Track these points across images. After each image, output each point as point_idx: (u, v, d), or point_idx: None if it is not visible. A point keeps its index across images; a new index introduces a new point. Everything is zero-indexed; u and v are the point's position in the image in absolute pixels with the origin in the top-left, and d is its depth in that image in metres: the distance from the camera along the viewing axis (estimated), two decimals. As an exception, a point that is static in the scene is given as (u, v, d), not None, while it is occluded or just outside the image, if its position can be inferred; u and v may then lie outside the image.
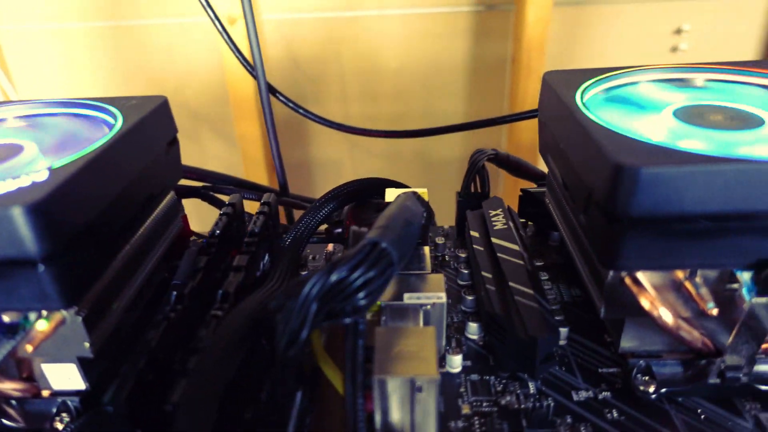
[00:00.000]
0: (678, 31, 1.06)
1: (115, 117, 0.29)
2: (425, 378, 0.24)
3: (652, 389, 0.28)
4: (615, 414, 0.28)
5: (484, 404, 0.29)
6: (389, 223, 0.27)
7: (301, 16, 1.10)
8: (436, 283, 0.31)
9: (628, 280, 0.25)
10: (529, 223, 0.43)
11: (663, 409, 0.28)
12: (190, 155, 1.33)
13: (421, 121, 1.20)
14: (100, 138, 0.26)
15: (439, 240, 0.41)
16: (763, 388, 0.27)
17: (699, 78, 0.31)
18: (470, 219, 0.37)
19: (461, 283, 0.37)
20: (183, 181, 0.48)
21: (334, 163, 1.24)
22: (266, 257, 0.36)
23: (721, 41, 1.06)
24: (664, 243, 0.23)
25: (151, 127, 0.30)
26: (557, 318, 0.33)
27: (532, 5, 0.94)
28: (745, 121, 0.27)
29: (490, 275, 0.32)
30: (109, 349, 0.26)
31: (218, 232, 0.34)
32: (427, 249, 0.35)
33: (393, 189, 0.41)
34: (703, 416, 0.27)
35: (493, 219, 0.36)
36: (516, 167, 0.45)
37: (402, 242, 0.27)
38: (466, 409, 0.28)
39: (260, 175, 1.14)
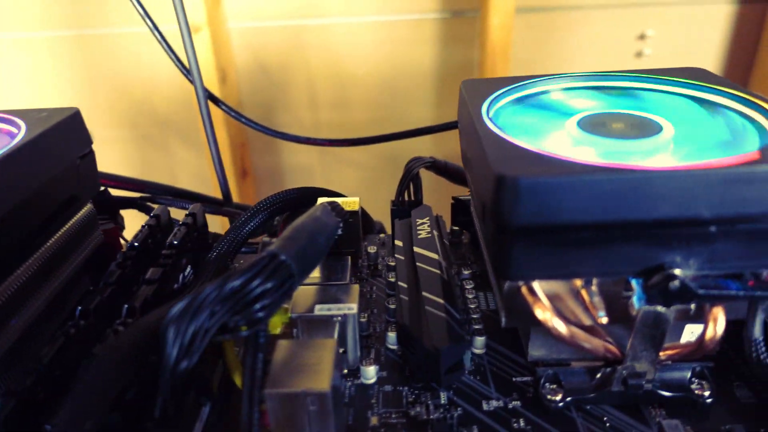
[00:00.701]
0: (642, 37, 1.07)
1: (19, 128, 0.29)
2: (316, 392, 0.24)
3: (559, 398, 0.28)
4: (522, 423, 0.28)
5: (393, 416, 0.28)
6: (293, 234, 0.27)
7: (268, 24, 1.10)
8: (351, 294, 0.31)
9: (524, 290, 0.25)
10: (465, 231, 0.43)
11: (570, 417, 0.28)
12: (158, 163, 1.32)
13: (391, 127, 1.20)
14: (-1, 150, 0.26)
15: (371, 249, 0.41)
16: (666, 394, 0.27)
17: (610, 85, 0.32)
18: (396, 228, 0.37)
19: (389, 292, 0.37)
20: (124, 192, 0.48)
21: (305, 170, 1.24)
22: (189, 269, 0.36)
23: (685, 46, 1.07)
24: (551, 252, 0.23)
25: (56, 139, 0.29)
26: (476, 327, 0.32)
27: (495, 11, 0.95)
28: (645, 129, 0.27)
29: (405, 285, 0.32)
30: (3, 367, 0.26)
31: (136, 244, 0.33)
32: (349, 259, 0.35)
33: (325, 198, 0.41)
34: (608, 424, 0.27)
35: (418, 228, 0.36)
36: (455, 174, 0.45)
37: (305, 254, 0.27)
38: (374, 421, 0.28)
39: (228, 182, 1.13)
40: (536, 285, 0.25)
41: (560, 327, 0.25)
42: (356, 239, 0.40)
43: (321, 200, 0.40)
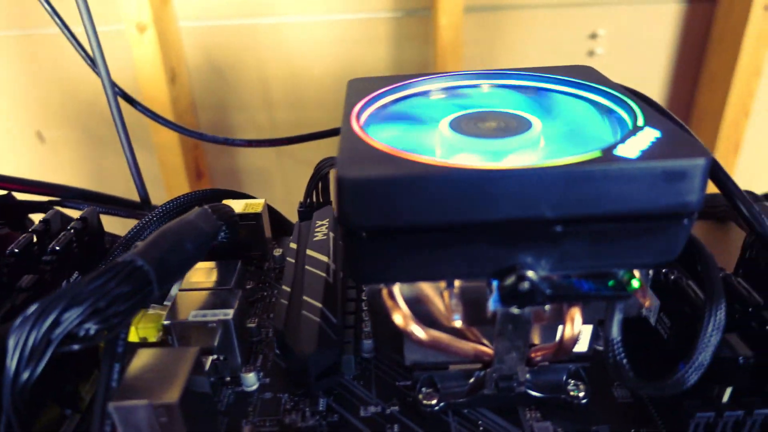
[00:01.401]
0: (593, 36, 1.07)
1: None
2: (163, 404, 0.23)
3: (434, 401, 0.27)
4: (396, 429, 0.27)
5: (267, 424, 0.28)
6: (156, 239, 0.26)
7: (220, 23, 1.09)
8: (233, 300, 0.30)
9: (384, 294, 0.24)
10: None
11: (445, 421, 0.27)
12: (110, 165, 1.29)
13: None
14: None
15: (277, 252, 0.40)
16: (541, 396, 0.27)
17: (485, 85, 0.31)
18: (296, 230, 0.37)
19: (286, 296, 0.37)
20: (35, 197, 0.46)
21: (262, 171, 1.23)
22: (76, 276, 0.35)
23: (636, 45, 1.08)
24: (399, 255, 0.22)
25: None
26: (366, 330, 0.32)
27: (444, 11, 0.95)
28: (516, 128, 0.26)
29: (289, 289, 0.31)
30: None
31: (16, 251, 0.32)
32: (239, 263, 0.34)
33: (232, 201, 0.40)
34: (481, 428, 0.27)
35: (316, 229, 0.36)
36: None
37: (167, 260, 0.26)
38: (246, 431, 0.27)
39: (180, 184, 1.11)
40: (396, 289, 0.24)
41: (419, 333, 0.24)
42: (262, 242, 0.40)
43: (230, 203, 0.39)
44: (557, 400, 0.28)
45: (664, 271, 0.29)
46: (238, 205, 0.39)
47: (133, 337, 0.29)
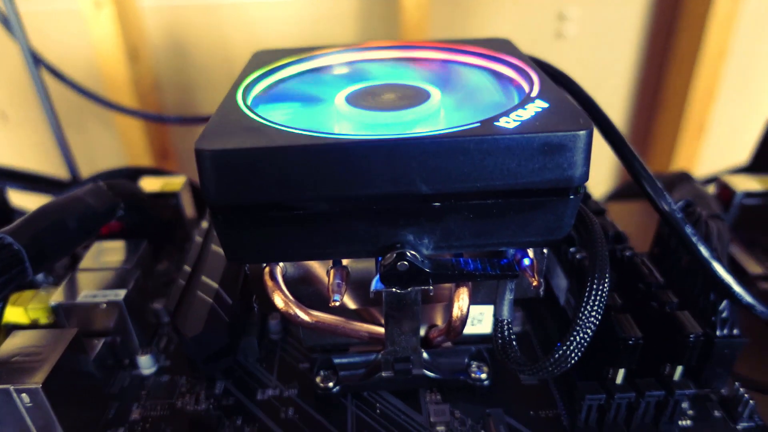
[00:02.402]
0: (562, 18, 1.06)
1: None
2: (26, 388, 0.22)
3: (332, 384, 0.27)
4: (291, 412, 0.26)
5: (159, 407, 0.27)
6: (34, 215, 0.25)
7: (183, 2, 1.06)
8: (129, 280, 0.29)
9: (265, 274, 0.23)
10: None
11: (342, 404, 0.27)
12: (75, 144, 1.26)
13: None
14: None
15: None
16: (435, 376, 0.26)
17: (390, 59, 0.30)
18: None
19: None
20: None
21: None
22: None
23: (605, 27, 1.07)
24: (268, 233, 0.21)
25: None
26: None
27: (409, -11, 0.93)
28: (414, 100, 0.25)
29: (189, 269, 0.30)
30: None
31: None
32: (145, 243, 0.33)
33: (151, 177, 0.39)
34: (378, 411, 0.26)
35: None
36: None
37: (44, 238, 0.25)
38: (136, 414, 0.26)
39: (145, 164, 1.09)
40: (278, 269, 0.23)
41: (301, 315, 0.23)
42: (182, 222, 0.38)
43: (148, 180, 0.38)
44: (458, 382, 0.27)
45: (571, 250, 0.28)
46: (156, 184, 0.38)
47: (23, 318, 0.28)
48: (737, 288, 0.25)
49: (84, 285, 0.29)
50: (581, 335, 0.20)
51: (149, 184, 0.38)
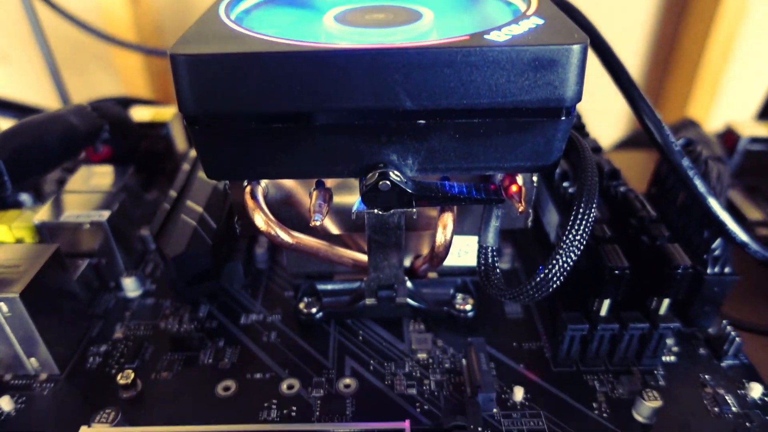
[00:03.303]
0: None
1: None
2: (3, 297, 0.22)
3: (315, 310, 0.27)
4: (273, 336, 0.26)
5: (142, 328, 0.27)
6: (13, 130, 0.25)
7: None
8: (113, 203, 0.29)
9: (246, 193, 0.23)
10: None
11: (325, 330, 0.27)
12: (76, 88, 1.25)
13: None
14: None
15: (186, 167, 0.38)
16: (418, 306, 0.26)
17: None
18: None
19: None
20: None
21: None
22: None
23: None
24: (246, 147, 0.20)
25: None
26: (263, 240, 0.31)
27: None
28: (405, 19, 0.24)
29: (175, 194, 0.29)
30: None
31: None
32: (131, 169, 0.32)
33: (141, 106, 0.38)
34: (361, 338, 0.26)
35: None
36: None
37: (24, 153, 0.24)
38: (119, 333, 0.26)
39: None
40: (259, 188, 0.23)
41: (282, 236, 0.23)
42: (171, 152, 0.38)
43: (138, 109, 0.37)
44: (442, 313, 0.27)
45: (565, 185, 0.27)
46: (146, 113, 0.37)
47: (7, 237, 0.28)
48: (731, 225, 0.24)
49: (69, 206, 0.28)
50: (564, 259, 0.20)
51: (140, 114, 0.37)
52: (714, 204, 0.24)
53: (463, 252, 0.27)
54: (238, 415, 0.22)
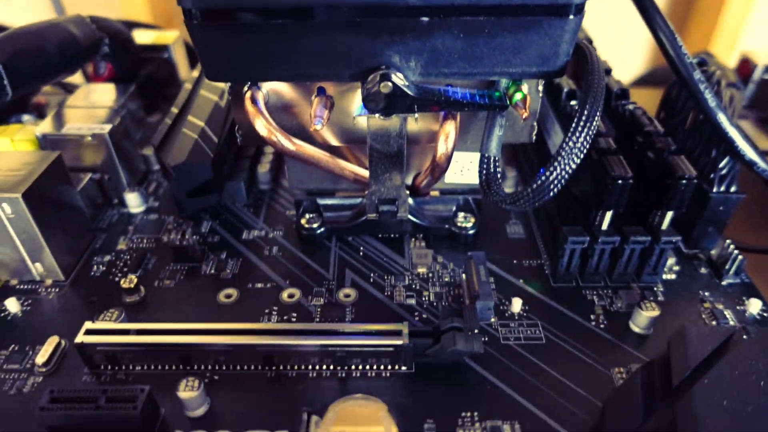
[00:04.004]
0: None
1: None
2: (6, 197, 0.22)
3: (316, 225, 0.27)
4: (274, 250, 0.26)
5: (145, 241, 0.27)
6: (12, 34, 0.24)
7: None
8: (113, 117, 0.29)
9: (246, 98, 0.22)
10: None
11: (326, 245, 0.27)
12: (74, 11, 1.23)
13: None
14: None
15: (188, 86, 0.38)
16: (420, 222, 0.26)
17: None
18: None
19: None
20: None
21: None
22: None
23: None
24: (248, 46, 0.20)
25: None
26: (267, 161, 0.31)
27: None
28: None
29: (176, 110, 0.29)
30: None
31: None
32: (133, 87, 0.32)
33: (143, 29, 0.38)
34: (362, 253, 0.26)
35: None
36: None
37: (23, 59, 0.24)
38: (122, 246, 0.27)
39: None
40: (260, 94, 0.22)
41: (284, 142, 0.22)
42: (173, 77, 0.37)
43: (140, 32, 0.37)
44: (444, 230, 0.27)
45: (572, 103, 0.27)
46: (148, 36, 0.37)
47: (9, 149, 0.28)
48: (740, 142, 0.24)
49: (71, 119, 0.28)
50: (564, 163, 0.19)
51: (141, 37, 0.37)
52: (723, 119, 0.23)
53: (466, 169, 0.26)
54: (239, 320, 0.23)
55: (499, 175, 0.22)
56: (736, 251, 0.24)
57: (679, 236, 0.23)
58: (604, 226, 0.23)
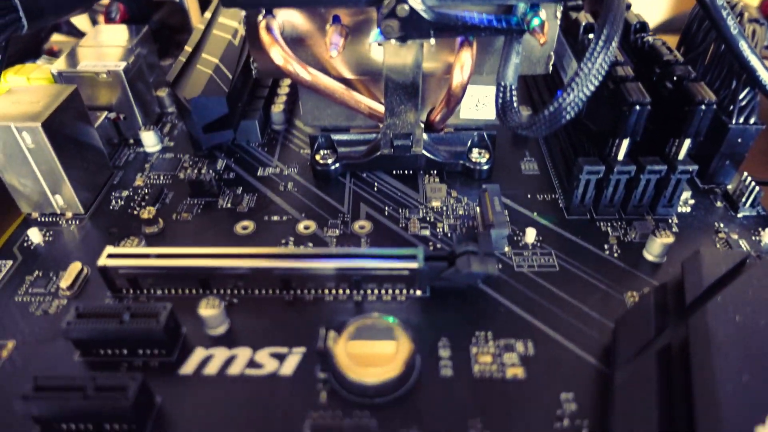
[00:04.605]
0: None
1: None
2: (25, 126, 0.22)
3: (331, 161, 0.27)
4: (290, 186, 0.27)
5: (162, 177, 0.27)
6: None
7: None
8: (127, 56, 0.29)
9: (261, 27, 0.22)
10: None
11: (340, 182, 0.27)
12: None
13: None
14: None
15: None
16: (434, 158, 0.26)
17: None
18: (216, 3, 0.34)
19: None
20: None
21: None
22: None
23: None
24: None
25: None
26: (280, 102, 0.31)
27: None
28: None
29: (190, 49, 0.29)
30: None
31: None
32: (146, 28, 0.32)
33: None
34: (376, 188, 0.26)
35: (236, 1, 0.33)
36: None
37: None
38: (139, 182, 0.27)
39: None
40: (275, 23, 0.22)
41: (300, 71, 0.22)
42: (186, 23, 0.37)
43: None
44: (458, 166, 0.27)
45: (590, 36, 0.26)
46: (158, -20, 0.36)
47: (26, 89, 0.28)
48: (762, 71, 0.23)
49: (85, 58, 0.28)
50: (581, 87, 0.19)
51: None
52: (745, 47, 0.23)
53: (481, 104, 0.26)
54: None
55: (515, 103, 0.22)
56: (753, 183, 0.24)
57: (695, 165, 0.23)
58: (620, 156, 0.23)
